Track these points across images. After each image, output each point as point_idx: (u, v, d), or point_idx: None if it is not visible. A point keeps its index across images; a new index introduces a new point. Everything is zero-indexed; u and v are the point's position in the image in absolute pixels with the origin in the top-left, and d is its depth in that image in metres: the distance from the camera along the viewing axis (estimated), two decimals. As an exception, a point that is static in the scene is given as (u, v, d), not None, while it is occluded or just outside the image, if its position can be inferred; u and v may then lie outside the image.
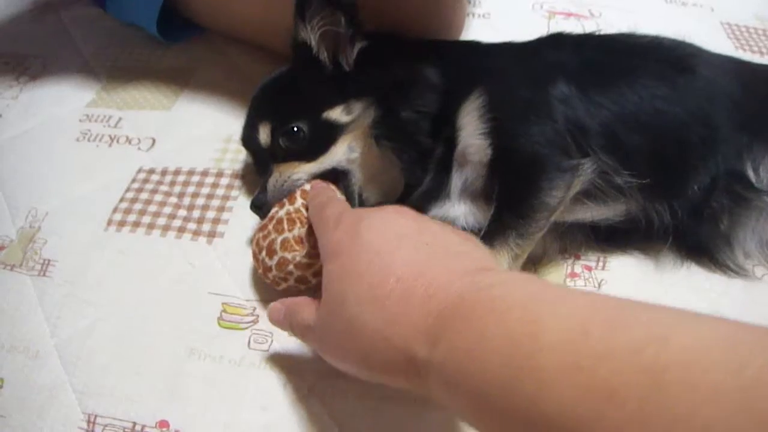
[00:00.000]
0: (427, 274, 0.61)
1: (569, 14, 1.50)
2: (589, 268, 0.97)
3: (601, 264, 0.97)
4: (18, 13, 1.64)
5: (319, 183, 0.94)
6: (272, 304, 0.83)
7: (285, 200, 0.92)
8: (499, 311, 0.52)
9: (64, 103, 1.34)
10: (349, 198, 0.95)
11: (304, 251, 0.87)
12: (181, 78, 1.36)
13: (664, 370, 0.40)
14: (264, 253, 0.89)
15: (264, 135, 0.98)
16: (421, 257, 0.65)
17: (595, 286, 0.94)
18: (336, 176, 0.96)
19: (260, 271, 0.91)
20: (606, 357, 0.43)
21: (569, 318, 0.48)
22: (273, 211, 0.92)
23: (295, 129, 0.95)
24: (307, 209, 0.89)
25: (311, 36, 0.98)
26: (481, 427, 0.53)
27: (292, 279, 0.89)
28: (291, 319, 0.78)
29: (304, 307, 0.76)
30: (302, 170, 0.95)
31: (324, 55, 0.99)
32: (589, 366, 0.43)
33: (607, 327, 0.45)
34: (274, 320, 0.82)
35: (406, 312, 0.60)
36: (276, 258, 0.88)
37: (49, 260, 1.02)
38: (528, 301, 0.53)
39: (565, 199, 0.89)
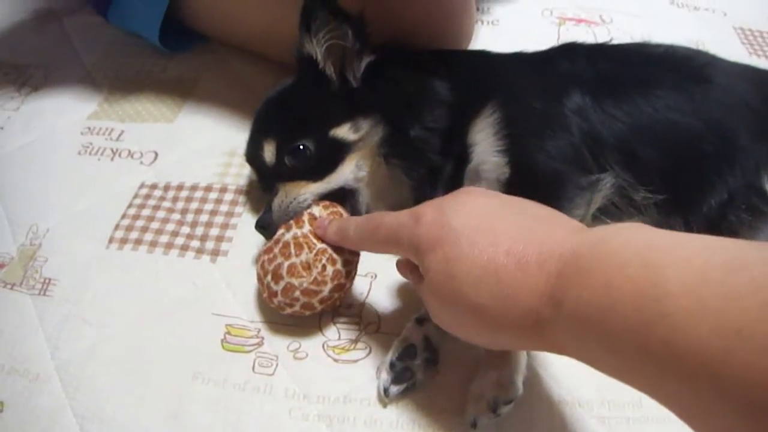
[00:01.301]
0: (534, 242, 0.63)
1: (579, 20, 1.48)
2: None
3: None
4: (19, 22, 1.62)
5: (326, 202, 0.92)
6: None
7: (292, 222, 0.89)
8: (619, 264, 0.55)
9: (65, 115, 1.31)
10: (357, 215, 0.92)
11: (311, 278, 0.84)
12: (183, 89, 1.34)
13: None
14: (270, 277, 0.87)
15: (269, 153, 0.96)
16: (519, 227, 0.67)
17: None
18: (343, 195, 0.93)
19: (265, 295, 0.88)
20: (729, 298, 0.46)
21: (687, 264, 0.51)
22: (279, 233, 0.90)
23: (301, 147, 0.93)
24: (315, 235, 0.87)
25: (317, 50, 0.95)
26: (614, 368, 0.57)
27: (297, 305, 0.86)
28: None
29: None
30: (309, 190, 0.93)
31: (330, 70, 0.96)
32: (714, 307, 0.46)
33: (725, 270, 0.48)
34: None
35: (524, 281, 0.62)
36: (282, 283, 0.85)
37: (49, 279, 1.00)
38: (644, 250, 0.55)
39: (586, 216, 0.87)
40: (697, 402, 0.48)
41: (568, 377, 0.84)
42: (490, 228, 0.67)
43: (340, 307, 0.93)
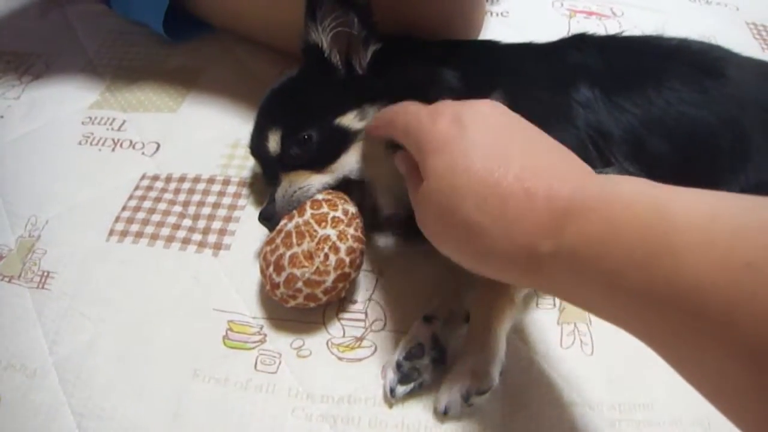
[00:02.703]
0: (545, 175, 0.62)
1: (590, 13, 1.45)
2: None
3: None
4: (22, 9, 1.60)
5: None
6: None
7: (294, 212, 0.87)
8: (627, 201, 0.55)
9: (66, 104, 1.29)
10: (362, 208, 0.90)
11: (314, 267, 0.82)
12: (187, 79, 1.32)
13: None
14: (272, 268, 0.85)
15: (273, 143, 0.94)
16: (533, 156, 0.65)
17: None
18: (348, 186, 0.91)
19: (268, 287, 0.86)
20: (738, 235, 0.46)
21: (697, 204, 0.50)
22: (282, 223, 0.88)
23: (306, 137, 0.91)
24: (316, 220, 0.84)
25: (322, 38, 0.93)
26: (609, 309, 0.56)
27: (301, 296, 0.84)
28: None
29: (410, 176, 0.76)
30: (313, 180, 0.91)
31: (336, 58, 0.94)
32: (723, 242, 0.46)
33: (735, 211, 0.48)
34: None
35: (528, 211, 0.60)
36: (284, 274, 0.83)
37: (48, 272, 0.98)
38: (652, 191, 0.55)
39: None
40: (697, 344, 0.47)
41: (579, 378, 0.82)
42: (505, 148, 0.65)
43: (345, 302, 0.91)
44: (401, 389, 0.79)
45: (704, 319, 0.46)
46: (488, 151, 0.65)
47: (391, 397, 0.80)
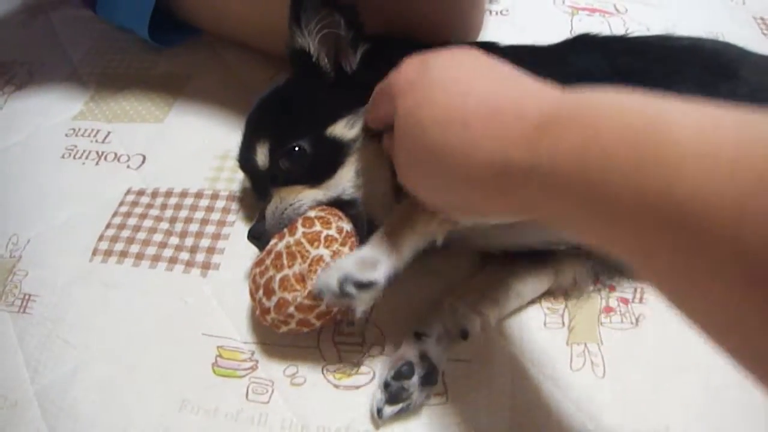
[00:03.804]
0: (512, 95, 0.60)
1: (593, 10, 1.40)
2: (626, 302, 0.88)
3: (638, 296, 0.88)
4: (5, 16, 1.56)
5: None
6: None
7: (285, 230, 0.83)
8: (613, 111, 0.50)
9: (50, 115, 1.25)
10: (358, 225, 0.85)
11: (306, 291, 0.77)
12: (174, 86, 1.28)
13: None
14: (261, 292, 0.80)
15: (262, 156, 0.89)
16: (500, 82, 0.63)
17: (632, 323, 0.85)
18: (342, 205, 0.86)
19: (258, 312, 0.81)
20: (746, 145, 0.41)
21: (696, 113, 0.46)
22: (272, 243, 0.83)
23: (296, 148, 0.86)
24: (308, 240, 0.80)
25: (309, 41, 0.89)
26: (593, 227, 0.51)
27: (293, 322, 0.79)
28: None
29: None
30: (305, 196, 0.86)
31: (325, 61, 0.91)
32: (729, 152, 0.41)
33: (740, 120, 0.44)
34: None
35: (496, 127, 0.58)
36: (275, 299, 0.78)
37: (29, 295, 0.94)
38: (643, 100, 0.50)
39: None
40: (697, 263, 0.42)
41: (590, 402, 0.78)
42: (468, 81, 0.64)
43: (341, 324, 0.87)
44: (389, 410, 0.76)
45: (706, 234, 0.41)
46: (451, 84, 0.64)
47: (378, 418, 0.76)
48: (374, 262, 0.73)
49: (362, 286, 0.72)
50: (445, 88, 0.64)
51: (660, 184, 0.43)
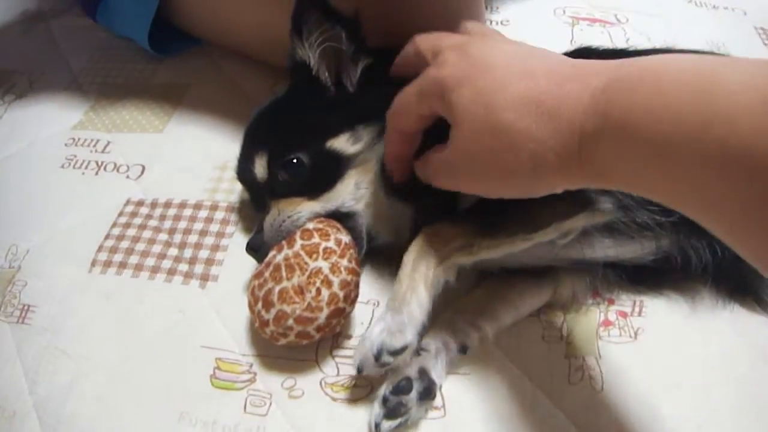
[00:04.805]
0: (571, 69, 0.62)
1: (594, 20, 1.40)
2: (625, 315, 0.87)
3: (637, 309, 0.88)
4: (6, 25, 1.56)
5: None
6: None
7: (284, 243, 0.83)
8: (673, 71, 0.54)
9: (50, 124, 1.25)
10: (357, 238, 0.86)
11: (305, 303, 0.77)
12: (174, 96, 1.28)
13: None
14: (260, 304, 0.80)
15: (260, 167, 0.90)
16: (555, 60, 0.66)
17: (631, 336, 0.85)
18: (341, 218, 0.86)
19: (257, 324, 0.81)
20: None
21: (747, 66, 0.50)
22: (270, 255, 0.83)
23: (295, 160, 0.86)
24: (306, 252, 0.80)
25: (310, 54, 0.89)
26: (658, 182, 0.55)
27: (292, 334, 0.79)
28: (425, 166, 0.77)
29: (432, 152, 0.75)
30: (303, 208, 0.86)
31: (325, 75, 0.90)
32: None
33: None
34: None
35: (566, 99, 0.60)
36: (273, 311, 0.78)
37: (28, 305, 0.94)
38: (698, 60, 0.55)
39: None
40: (752, 209, 0.47)
41: (589, 416, 0.78)
42: (524, 62, 0.66)
43: (340, 337, 0.87)
44: (387, 425, 0.75)
45: (760, 179, 0.45)
46: (509, 66, 0.65)
47: None
48: (401, 327, 0.74)
49: (397, 352, 0.73)
50: (505, 71, 0.65)
51: (720, 138, 0.47)
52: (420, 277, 0.77)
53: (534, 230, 0.77)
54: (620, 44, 1.27)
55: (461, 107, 0.66)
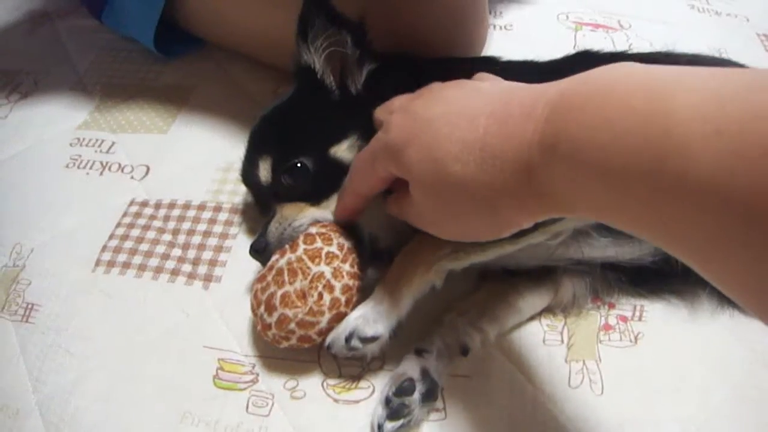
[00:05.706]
0: (514, 99, 0.61)
1: (597, 26, 1.40)
2: (625, 319, 0.88)
3: (637, 314, 0.88)
4: (11, 25, 1.56)
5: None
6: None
7: (287, 247, 0.83)
8: (620, 96, 0.50)
9: (55, 124, 1.26)
10: (359, 244, 0.86)
11: (307, 307, 0.78)
12: (179, 97, 1.28)
13: None
14: (263, 308, 0.80)
15: (264, 171, 0.90)
16: (495, 95, 0.64)
17: (631, 341, 0.85)
18: (343, 225, 0.86)
19: (259, 327, 0.82)
20: (754, 116, 0.42)
21: (700, 89, 0.46)
22: (273, 259, 0.83)
23: (299, 165, 0.87)
24: (309, 257, 0.80)
25: (315, 58, 0.89)
26: (620, 209, 0.52)
27: (294, 338, 0.80)
28: (398, 208, 0.78)
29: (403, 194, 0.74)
30: (307, 214, 0.87)
31: (330, 79, 0.91)
32: (734, 129, 0.42)
33: (745, 90, 0.44)
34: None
35: (510, 136, 0.58)
36: (276, 315, 0.79)
37: (32, 304, 0.94)
38: (647, 80, 0.51)
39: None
40: (720, 240, 0.44)
41: (588, 420, 0.78)
42: (464, 106, 0.65)
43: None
44: (389, 426, 0.76)
45: (724, 211, 0.43)
46: (449, 116, 0.65)
47: None
48: (377, 318, 0.77)
49: (367, 340, 0.76)
50: (446, 121, 0.65)
51: (674, 167, 0.45)
52: (406, 279, 0.79)
53: (520, 234, 0.78)
54: (623, 50, 1.27)
55: (412, 167, 0.67)
